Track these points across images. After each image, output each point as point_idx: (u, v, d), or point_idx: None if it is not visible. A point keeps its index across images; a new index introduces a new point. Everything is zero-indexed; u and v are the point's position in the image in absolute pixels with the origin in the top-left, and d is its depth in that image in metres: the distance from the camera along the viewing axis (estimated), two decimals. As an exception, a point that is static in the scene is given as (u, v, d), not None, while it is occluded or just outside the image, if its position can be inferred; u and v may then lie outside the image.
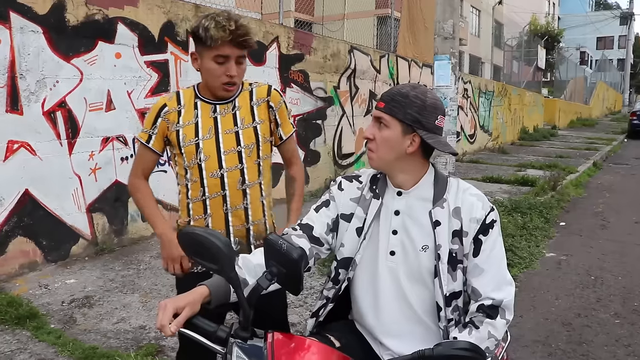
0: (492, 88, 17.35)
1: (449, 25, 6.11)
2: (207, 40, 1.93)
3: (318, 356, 1.39)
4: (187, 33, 6.17)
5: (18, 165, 4.69)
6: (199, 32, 1.95)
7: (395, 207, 1.69)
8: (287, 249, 1.31)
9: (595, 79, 40.69)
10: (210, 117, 2.07)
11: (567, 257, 5.86)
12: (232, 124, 2.07)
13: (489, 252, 1.63)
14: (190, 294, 1.44)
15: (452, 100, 6.09)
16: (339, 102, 9.28)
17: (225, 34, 1.91)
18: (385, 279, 1.68)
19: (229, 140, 2.06)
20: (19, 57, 4.63)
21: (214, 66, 1.98)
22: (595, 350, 3.73)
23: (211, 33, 1.91)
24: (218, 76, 1.99)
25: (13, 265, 4.71)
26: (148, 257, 5.31)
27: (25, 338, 3.58)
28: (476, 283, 1.63)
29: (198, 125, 2.05)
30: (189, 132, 2.05)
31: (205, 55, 1.98)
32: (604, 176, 12.25)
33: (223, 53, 1.95)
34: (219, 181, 2.06)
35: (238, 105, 2.10)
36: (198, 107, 2.08)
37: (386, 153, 1.64)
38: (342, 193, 1.78)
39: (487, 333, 1.59)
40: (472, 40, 28.77)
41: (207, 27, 1.92)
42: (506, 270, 1.67)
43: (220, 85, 2.02)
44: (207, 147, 2.04)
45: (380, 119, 1.64)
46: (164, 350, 3.45)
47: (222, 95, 2.06)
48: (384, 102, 1.64)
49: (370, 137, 1.65)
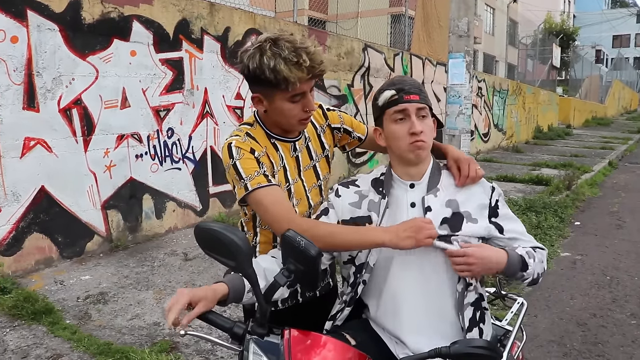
0: (506, 86, 17.22)
1: (464, 23, 6.07)
2: (281, 84, 1.64)
3: (334, 353, 1.39)
4: (201, 31, 6.20)
5: (34, 162, 4.74)
6: (265, 75, 1.64)
7: (410, 199, 1.72)
8: (305, 245, 1.30)
9: (610, 77, 40.26)
10: (292, 156, 1.86)
11: (582, 257, 5.81)
12: (308, 158, 1.91)
13: (510, 224, 1.74)
14: (210, 289, 1.42)
15: (466, 99, 6.05)
16: (353, 100, 9.27)
17: (304, 74, 1.64)
18: (404, 275, 1.68)
19: (310, 176, 1.90)
20: (35, 55, 4.68)
21: (289, 106, 1.72)
22: (611, 350, 3.69)
23: (285, 75, 1.62)
24: (295, 115, 1.74)
25: (29, 261, 4.77)
26: (162, 254, 5.34)
27: (41, 333, 3.62)
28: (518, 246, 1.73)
29: (286, 168, 1.83)
30: (280, 178, 1.81)
31: (277, 97, 1.70)
32: (620, 175, 12.12)
33: (300, 91, 1.69)
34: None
35: (307, 136, 1.92)
36: (279, 149, 1.83)
37: (431, 141, 1.72)
38: (340, 199, 1.79)
39: (541, 258, 1.72)
40: (487, 38, 28.58)
41: (276, 68, 1.62)
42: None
43: (297, 122, 1.78)
44: (297, 190, 1.86)
45: (422, 109, 1.68)
46: (178, 347, 3.47)
47: (299, 129, 1.85)
48: (417, 94, 1.68)
49: (422, 129, 1.67)
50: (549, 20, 35.67)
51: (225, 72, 6.58)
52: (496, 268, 1.62)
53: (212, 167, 6.54)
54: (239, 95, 6.84)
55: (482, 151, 14.91)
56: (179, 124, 6.06)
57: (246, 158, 1.70)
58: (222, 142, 6.60)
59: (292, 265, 1.36)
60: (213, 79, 6.46)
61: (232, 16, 6.67)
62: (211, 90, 6.42)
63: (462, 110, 5.90)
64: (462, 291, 1.66)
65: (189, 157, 6.21)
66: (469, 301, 1.67)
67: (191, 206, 6.33)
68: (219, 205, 6.67)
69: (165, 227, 6.00)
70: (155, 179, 5.83)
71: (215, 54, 6.46)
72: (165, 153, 5.94)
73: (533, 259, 1.68)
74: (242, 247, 1.32)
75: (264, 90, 1.71)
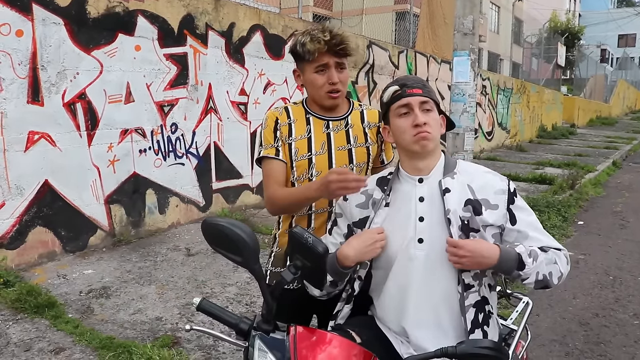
0: (510, 85, 17.18)
1: (469, 21, 6.06)
2: (306, 55, 1.96)
3: (339, 350, 1.39)
4: (206, 26, 6.20)
5: (38, 156, 4.74)
6: (297, 50, 2.00)
7: (418, 194, 1.72)
8: (312, 242, 1.30)
9: (615, 77, 40.10)
10: (323, 132, 2.06)
11: (585, 257, 5.80)
12: (344, 141, 2.07)
13: (525, 217, 1.73)
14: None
15: (471, 97, 6.03)
16: (357, 97, 9.25)
17: (321, 45, 1.93)
18: (412, 270, 1.68)
19: (342, 157, 2.05)
20: (40, 49, 4.67)
21: (315, 77, 1.99)
22: (613, 350, 3.69)
23: (307, 47, 1.94)
24: (321, 86, 2.00)
25: (32, 254, 4.77)
26: (165, 249, 5.34)
27: (44, 327, 3.63)
28: (527, 244, 1.69)
29: (311, 139, 2.04)
30: (301, 146, 2.03)
31: (307, 69, 2.01)
32: (624, 175, 12.10)
33: (321, 62, 1.97)
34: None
35: (350, 123, 2.10)
36: (311, 123, 2.06)
37: (437, 134, 1.73)
38: (347, 203, 1.83)
39: (552, 258, 1.68)
40: (492, 36, 28.49)
41: (303, 42, 1.96)
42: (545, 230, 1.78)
43: (324, 95, 2.01)
44: (320, 162, 2.03)
45: (425, 103, 1.71)
46: (179, 342, 3.47)
47: (329, 104, 2.05)
48: (420, 89, 1.72)
49: (426, 121, 1.69)
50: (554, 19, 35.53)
51: (229, 68, 6.57)
52: (487, 263, 1.60)
53: (215, 162, 6.53)
54: (243, 91, 6.83)
55: (485, 150, 14.89)
56: (182, 119, 6.06)
57: (268, 129, 2.05)
58: (225, 138, 6.61)
59: (299, 261, 1.35)
60: (217, 74, 6.45)
61: (237, 12, 6.65)
62: (215, 86, 6.41)
63: (466, 109, 5.88)
64: (462, 292, 1.66)
65: (192, 152, 6.20)
66: (470, 303, 1.66)
67: (194, 202, 6.33)
68: (222, 201, 6.67)
69: (168, 223, 6.00)
70: (159, 174, 5.83)
71: (220, 50, 6.45)
72: (169, 148, 5.93)
73: (534, 259, 1.63)
74: (248, 243, 1.32)
75: (299, 64, 2.05)
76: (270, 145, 2.03)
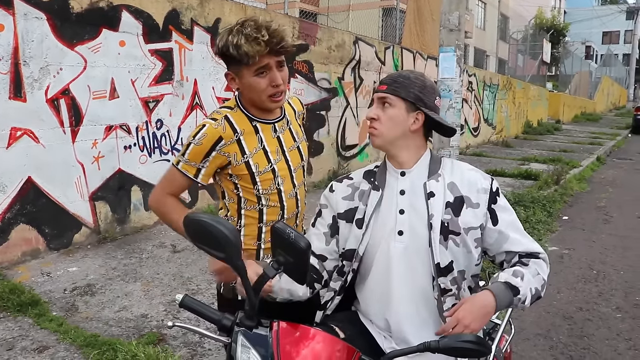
0: (496, 81, 17.27)
1: (455, 17, 6.07)
2: (243, 59, 1.74)
3: (323, 345, 1.39)
4: (191, 22, 6.16)
5: (21, 153, 4.69)
6: (229, 52, 1.76)
7: (400, 187, 1.73)
8: (295, 237, 1.30)
9: (600, 73, 40.51)
10: (274, 137, 1.93)
11: (570, 251, 5.86)
12: (291, 140, 1.98)
13: (506, 217, 1.72)
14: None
15: (457, 93, 6.06)
16: (343, 93, 9.25)
17: (262, 47, 1.73)
18: (392, 262, 1.69)
19: (295, 157, 1.97)
20: (22, 44, 4.61)
21: (256, 80, 1.80)
22: (596, 344, 3.73)
23: (245, 50, 1.72)
24: (263, 89, 1.81)
25: (15, 252, 4.72)
26: (150, 246, 5.31)
27: (27, 325, 3.59)
28: (508, 246, 1.71)
29: (266, 149, 1.89)
30: (260, 159, 1.87)
31: (245, 73, 1.80)
32: (608, 171, 12.22)
33: (262, 64, 1.78)
34: (294, 200, 1.97)
35: (289, 119, 2.00)
36: (259, 131, 1.89)
37: (391, 130, 1.70)
38: (334, 194, 1.84)
39: (535, 270, 1.67)
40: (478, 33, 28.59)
41: (238, 44, 1.73)
42: (526, 232, 1.77)
43: (267, 99, 1.84)
44: (281, 169, 1.91)
45: (384, 99, 1.71)
46: (165, 339, 3.46)
47: (273, 107, 1.89)
48: (386, 85, 1.72)
49: (375, 117, 1.71)
50: (539, 15, 35.75)
51: (215, 64, 6.53)
52: (490, 309, 1.55)
53: (201, 159, 6.48)
54: (229, 87, 6.79)
55: (471, 145, 14.97)
56: (168, 115, 6.02)
57: (202, 148, 1.81)
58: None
59: (281, 257, 1.35)
60: (203, 70, 6.41)
61: (222, 7, 6.62)
62: (201, 82, 6.38)
63: (452, 104, 5.91)
64: (439, 297, 1.66)
65: (178, 148, 6.16)
66: (447, 307, 1.66)
67: (180, 198, 6.28)
68: (208, 197, 6.64)
69: (153, 219, 5.96)
70: (144, 171, 5.78)
71: (206, 45, 6.41)
72: (154, 144, 5.89)
73: (521, 277, 1.62)
74: (231, 239, 1.31)
75: (234, 68, 1.83)
76: (194, 164, 1.84)
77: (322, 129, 8.74)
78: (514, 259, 1.72)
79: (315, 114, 8.54)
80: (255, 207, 1.91)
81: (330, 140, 8.97)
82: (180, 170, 1.87)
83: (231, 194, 1.94)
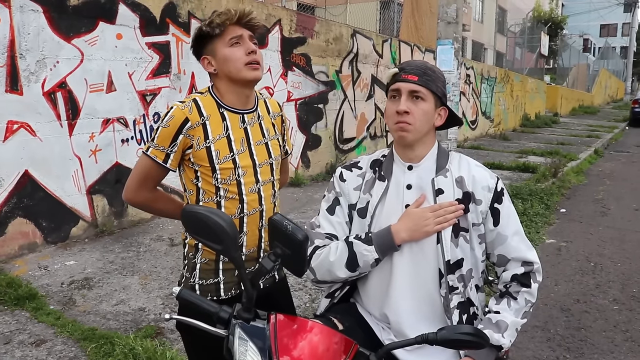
0: (494, 74, 17.26)
1: (453, 10, 6.07)
2: (215, 29, 1.83)
3: (320, 337, 1.39)
4: (188, 14, 6.12)
5: (18, 146, 4.67)
6: (203, 30, 1.86)
7: (406, 181, 1.71)
8: (292, 230, 1.29)
9: (597, 66, 40.46)
10: (240, 127, 1.89)
11: (567, 244, 5.87)
12: (260, 135, 1.94)
13: (507, 219, 1.70)
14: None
15: (455, 86, 6.06)
16: (341, 86, 9.23)
17: (229, 15, 1.83)
18: (395, 256, 1.68)
19: (261, 151, 1.92)
20: (18, 37, 4.59)
21: (231, 50, 1.83)
22: (594, 335, 3.74)
23: (216, 21, 1.83)
24: (238, 58, 1.83)
25: (12, 246, 4.71)
26: (148, 240, 5.30)
27: (25, 319, 3.59)
28: (502, 250, 1.69)
29: (230, 138, 1.86)
30: (222, 147, 1.84)
31: (219, 47, 1.85)
32: (605, 164, 12.23)
33: (235, 34, 1.84)
34: (257, 196, 1.89)
35: (261, 114, 1.97)
36: (226, 118, 1.87)
37: (423, 126, 1.66)
38: (346, 184, 1.79)
39: (524, 301, 1.68)
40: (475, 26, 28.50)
41: (210, 20, 1.85)
42: (525, 236, 1.74)
43: (244, 67, 1.83)
44: (243, 160, 1.87)
45: (416, 92, 1.64)
46: (163, 332, 3.45)
47: (252, 77, 1.86)
48: (417, 76, 1.64)
49: (408, 110, 1.63)
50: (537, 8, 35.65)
51: (212, 57, 6.50)
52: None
53: (199, 152, 6.47)
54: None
55: (469, 138, 14.96)
56: (165, 108, 5.97)
57: (169, 130, 1.81)
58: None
59: (279, 249, 1.35)
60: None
61: (219, 0, 6.59)
62: (198, 75, 6.35)
63: (449, 97, 5.90)
64: (446, 295, 1.65)
65: (175, 142, 6.14)
66: (454, 305, 1.66)
67: (177, 191, 6.27)
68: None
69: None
70: (142, 164, 5.75)
71: (203, 38, 6.37)
72: (152, 138, 5.86)
73: (504, 329, 1.62)
74: (228, 231, 1.31)
75: (208, 47, 1.89)
76: (162, 149, 1.82)
77: (319, 122, 8.72)
78: (505, 273, 1.71)
79: (313, 107, 8.53)
80: (213, 198, 1.87)
81: (327, 134, 8.96)
82: (149, 156, 1.85)
83: (190, 185, 1.91)
